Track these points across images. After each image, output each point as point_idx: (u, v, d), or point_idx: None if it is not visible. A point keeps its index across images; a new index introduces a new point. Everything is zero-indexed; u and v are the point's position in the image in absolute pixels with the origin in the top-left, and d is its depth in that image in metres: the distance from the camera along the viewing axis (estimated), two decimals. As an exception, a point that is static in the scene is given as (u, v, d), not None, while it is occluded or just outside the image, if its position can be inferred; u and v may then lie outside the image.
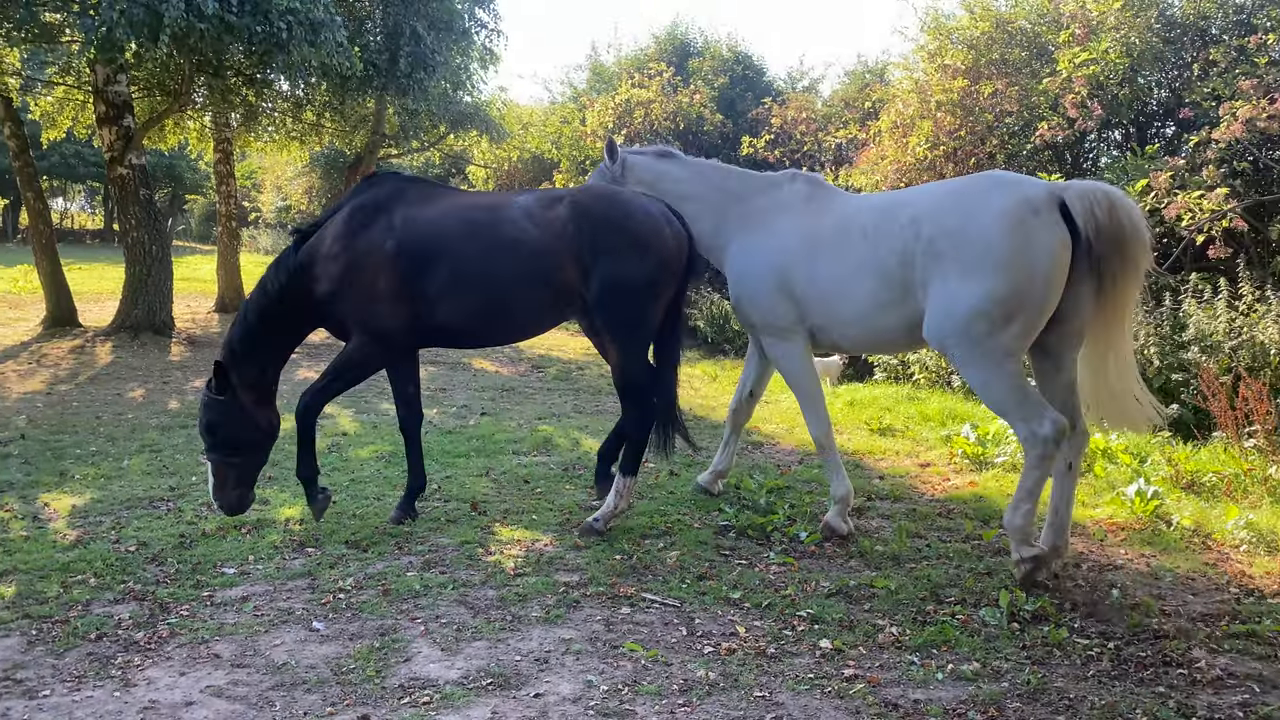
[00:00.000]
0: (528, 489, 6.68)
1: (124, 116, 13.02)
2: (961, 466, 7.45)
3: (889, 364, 11.54)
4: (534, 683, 3.80)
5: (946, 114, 11.70)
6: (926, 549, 5.53)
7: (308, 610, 4.46)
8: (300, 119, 16.80)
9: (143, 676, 3.78)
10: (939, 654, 4.15)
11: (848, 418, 9.33)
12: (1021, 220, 4.69)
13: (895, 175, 11.91)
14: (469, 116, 16.42)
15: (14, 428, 8.09)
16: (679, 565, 5.17)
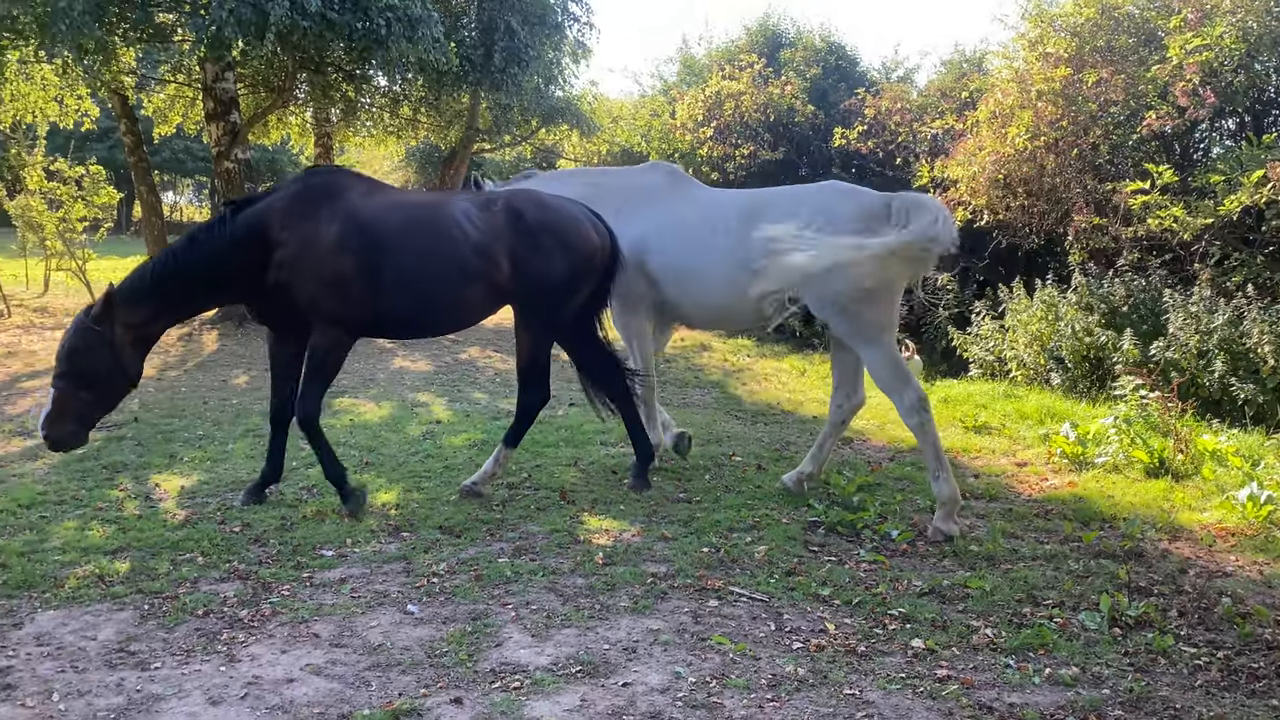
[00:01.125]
0: (615, 479, 6.71)
1: (230, 113, 13.48)
2: (1060, 466, 7.23)
3: (984, 360, 11.27)
4: (622, 672, 3.82)
5: (1048, 104, 11.35)
6: (1023, 550, 5.38)
7: (402, 593, 4.57)
8: (397, 114, 17.16)
9: (247, 653, 3.92)
10: (1036, 657, 4.05)
11: (941, 415, 9.12)
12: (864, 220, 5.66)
13: (994, 166, 11.61)
14: (560, 110, 16.56)
15: (128, 411, 8.46)
16: (767, 560, 5.13)
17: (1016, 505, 6.29)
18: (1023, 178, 11.67)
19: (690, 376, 11.60)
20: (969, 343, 11.61)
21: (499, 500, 6.08)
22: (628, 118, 20.29)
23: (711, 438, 8.05)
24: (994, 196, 11.84)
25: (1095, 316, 9.93)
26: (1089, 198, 11.19)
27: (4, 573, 4.68)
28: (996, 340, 11.17)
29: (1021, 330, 10.64)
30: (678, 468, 7.01)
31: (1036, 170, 11.54)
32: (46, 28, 9.15)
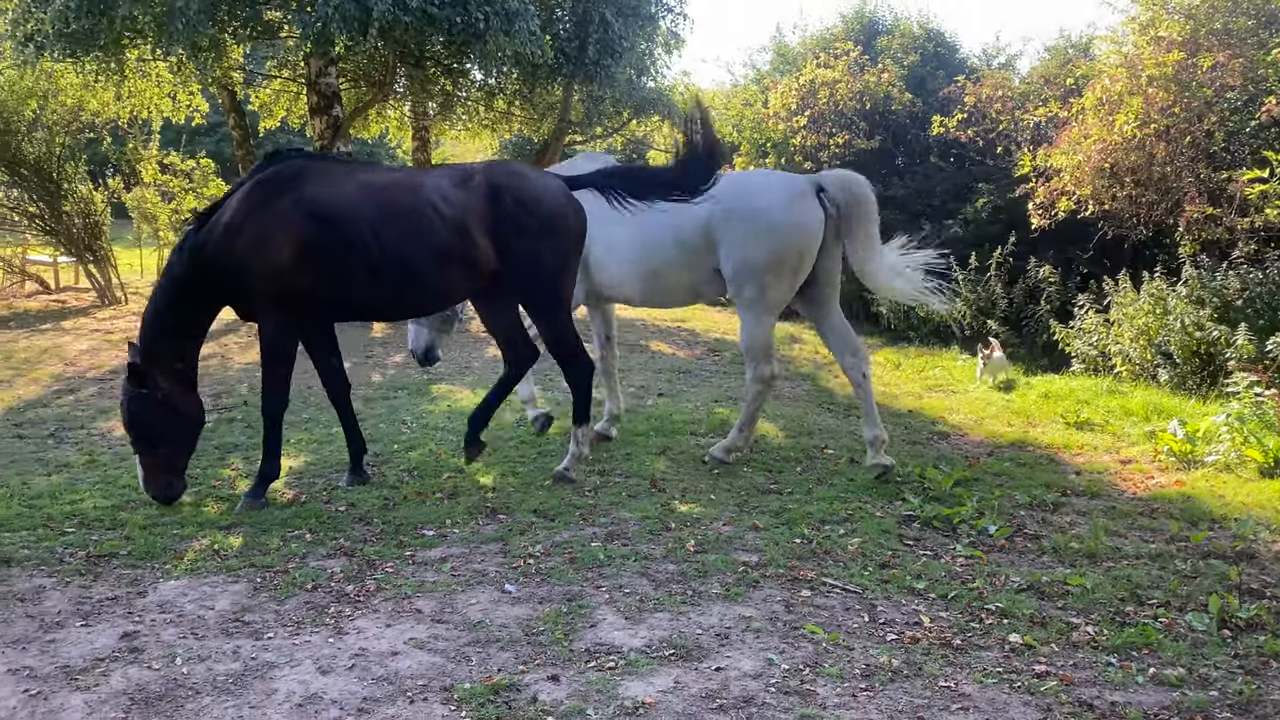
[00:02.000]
0: (705, 469, 6.76)
1: (333, 106, 13.91)
2: (1167, 464, 7.02)
3: (1087, 355, 10.97)
4: (715, 656, 3.88)
5: (1159, 90, 10.96)
6: (1126, 548, 5.26)
7: (500, 573, 4.70)
8: (492, 107, 17.45)
9: (353, 626, 4.09)
10: (1139, 657, 3.97)
11: (1042, 410, 8.95)
12: (792, 201, 6.35)
13: (1100, 155, 11.26)
14: (652, 102, 16.60)
15: (238, 395, 8.85)
16: (860, 552, 5.12)
17: (1120, 503, 6.14)
18: (1131, 166, 11.30)
19: (780, 368, 11.54)
20: (1071, 336, 11.30)
21: (591, 487, 6.19)
22: (719, 107, 20.21)
23: (803, 430, 8.04)
24: (1099, 186, 11.50)
25: (1207, 310, 9.57)
26: (1202, 187, 10.78)
27: (128, 544, 4.97)
28: (1100, 334, 10.86)
29: (1127, 324, 10.32)
30: (768, 460, 7.02)
31: (1146, 159, 11.16)
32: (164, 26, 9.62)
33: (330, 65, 13.63)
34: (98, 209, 15.20)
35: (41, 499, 5.68)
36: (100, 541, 5.02)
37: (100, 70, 12.59)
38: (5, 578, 4.52)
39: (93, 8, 9.80)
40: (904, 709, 3.50)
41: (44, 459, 6.62)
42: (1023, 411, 8.98)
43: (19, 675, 3.61)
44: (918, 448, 7.61)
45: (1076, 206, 11.80)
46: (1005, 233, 13.27)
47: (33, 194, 14.94)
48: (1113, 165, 11.36)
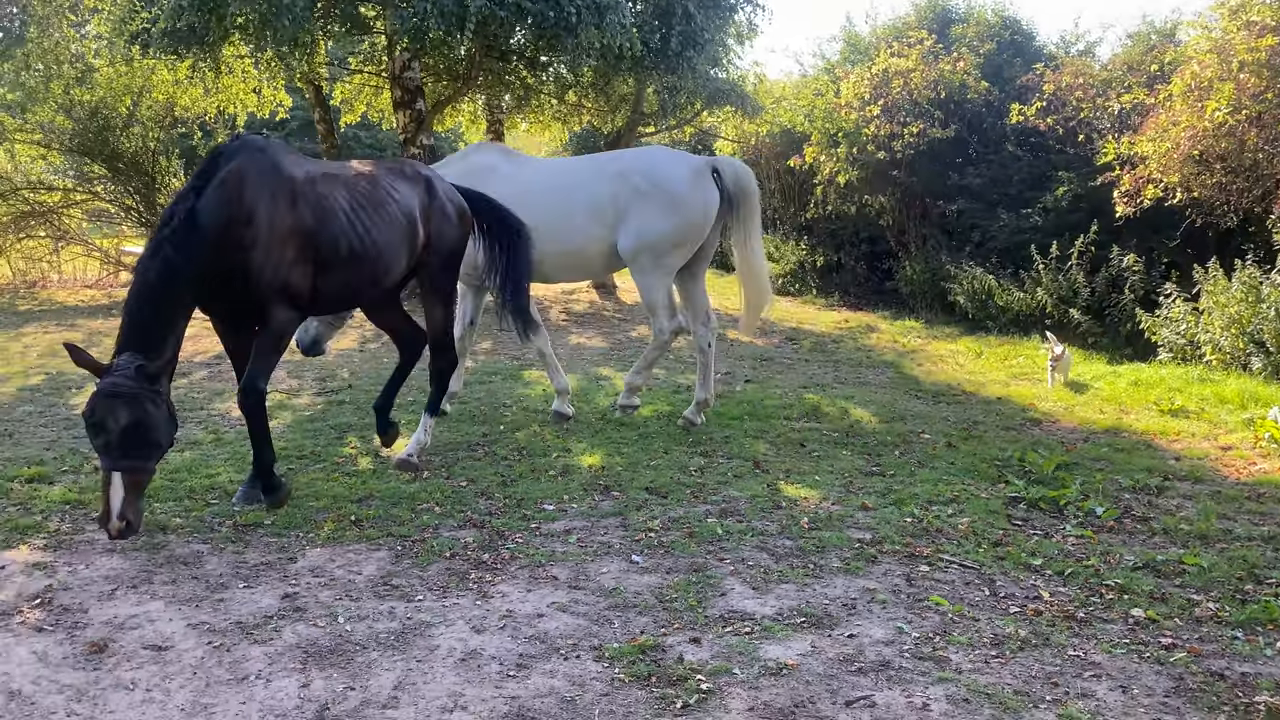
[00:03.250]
0: (804, 451, 6.90)
1: (416, 101, 14.22)
2: (1269, 451, 6.99)
3: (1174, 343, 10.86)
4: (845, 625, 4.04)
5: (1251, 75, 10.78)
6: (1237, 530, 5.30)
7: (624, 545, 4.90)
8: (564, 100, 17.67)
9: (496, 590, 4.32)
10: (1265, 631, 4.05)
11: (1133, 398, 8.92)
12: (696, 179, 7.03)
13: (1189, 142, 11.12)
14: (725, 93, 16.65)
15: (340, 379, 9.18)
16: (971, 531, 5.24)
17: (1225, 488, 6.15)
18: (1221, 153, 11.13)
19: (861, 356, 11.62)
20: (1157, 325, 11.19)
21: (696, 467, 6.37)
22: (790, 98, 20.23)
23: (895, 415, 8.12)
24: (1188, 173, 11.34)
25: (1303, 298, 9.46)
26: (1296, 174, 10.62)
27: (270, 515, 5.26)
28: (1189, 323, 10.74)
29: (1218, 312, 10.20)
30: (866, 444, 7.14)
31: (1237, 145, 10.98)
32: (269, 23, 9.96)
33: (414, 60, 13.94)
34: (190, 202, 15.72)
35: (180, 473, 6.00)
36: (243, 512, 5.31)
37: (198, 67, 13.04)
38: (164, 543, 4.82)
39: (204, 5, 10.19)
40: (1037, 675, 3.63)
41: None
42: (1113, 399, 8.96)
43: (200, 629, 3.89)
44: (1012, 433, 7.66)
45: (1164, 194, 11.66)
46: (1086, 221, 13.14)
47: (129, 187, 15.51)
48: (1202, 152, 11.21)
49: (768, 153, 19.93)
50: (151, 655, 3.67)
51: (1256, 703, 3.44)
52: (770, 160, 19.77)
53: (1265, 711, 3.36)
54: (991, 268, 14.50)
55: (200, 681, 3.47)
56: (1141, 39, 15.48)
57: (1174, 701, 3.46)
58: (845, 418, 8.05)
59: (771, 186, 19.92)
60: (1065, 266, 13.19)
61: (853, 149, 16.94)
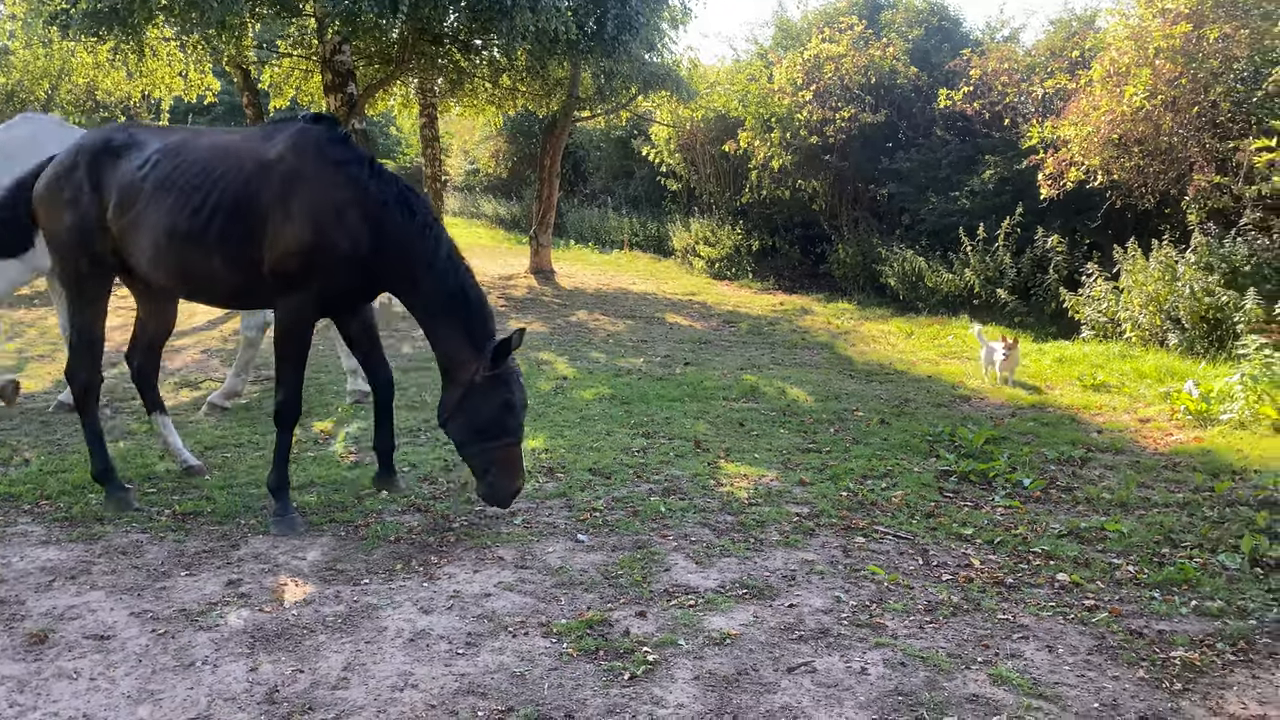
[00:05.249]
0: (743, 431, 7.02)
1: (348, 84, 13.99)
2: (1184, 423, 7.30)
3: (1097, 321, 11.23)
4: (785, 595, 4.15)
5: (1166, 61, 11.16)
6: (1155, 498, 5.55)
7: (569, 525, 4.96)
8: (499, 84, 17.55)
9: (443, 572, 4.35)
10: (1180, 592, 4.26)
11: (1057, 374, 9.23)
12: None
13: (1108, 126, 11.48)
14: (660, 77, 16.69)
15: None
16: (905, 504, 5.41)
17: (1143, 458, 6.42)
18: (1139, 137, 11.51)
19: (797, 338, 11.81)
20: (1080, 304, 11.56)
21: (638, 448, 6.44)
22: (724, 83, 20.33)
23: (830, 394, 8.30)
24: (1108, 156, 11.71)
25: (1215, 276, 9.84)
26: (1209, 156, 11.02)
27: (211, 504, 5.21)
28: (1110, 301, 11.12)
29: (1137, 291, 10.58)
30: (802, 423, 7.28)
31: (1153, 129, 11.37)
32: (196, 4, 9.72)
33: (345, 43, 13.73)
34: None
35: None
36: (183, 501, 5.25)
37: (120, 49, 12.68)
38: (103, 534, 4.76)
39: (128, -15, 9.93)
40: (969, 638, 3.78)
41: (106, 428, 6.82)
42: (1038, 375, 9.25)
43: (143, 618, 3.85)
44: (942, 409, 7.88)
45: (1085, 177, 12.03)
46: (1012, 204, 13.48)
47: (49, 174, 15.03)
48: (1121, 136, 11.58)
49: (703, 137, 20.03)
50: (94, 644, 3.63)
51: (1172, 657, 3.63)
52: (705, 145, 19.88)
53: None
54: (921, 250, 14.81)
55: (146, 668, 3.45)
56: (1063, 25, 15.87)
57: (1096, 659, 3.63)
58: (782, 397, 8.20)
59: (707, 171, 20.04)
60: (992, 248, 13.53)
61: (786, 134, 17.13)
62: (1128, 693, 3.37)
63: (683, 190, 21.00)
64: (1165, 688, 3.42)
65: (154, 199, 4.87)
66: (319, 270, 4.80)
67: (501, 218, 29.16)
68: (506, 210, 29.05)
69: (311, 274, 4.80)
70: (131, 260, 5.03)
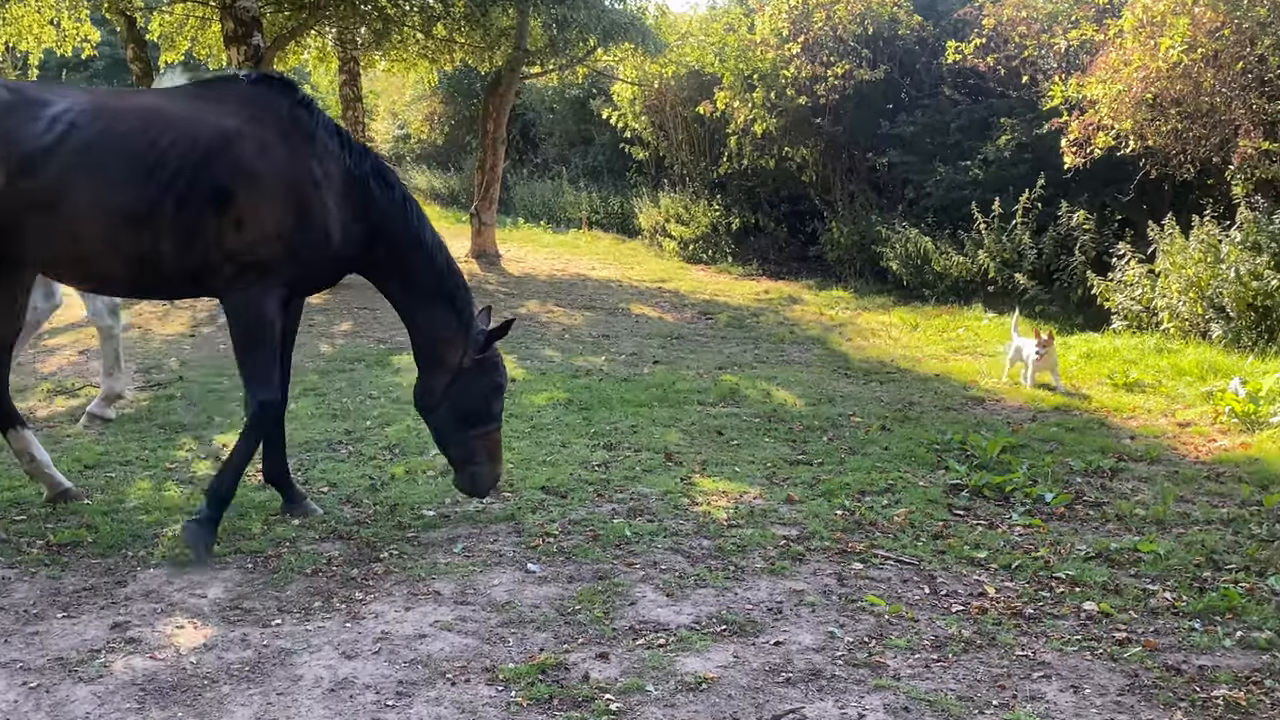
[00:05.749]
0: (722, 440, 7.07)
1: (253, 34, 13.89)
2: (1229, 426, 7.45)
3: (1129, 310, 11.41)
4: (771, 631, 4.20)
5: (1207, 8, 11.35)
6: (1195, 513, 5.66)
7: (518, 553, 4.98)
8: (432, 34, 17.51)
9: (369, 610, 4.35)
10: (1224, 621, 4.34)
11: (1084, 371, 9.37)
12: None
13: (1141, 84, 11.65)
14: (623, 27, 16.71)
15: (168, 370, 9.00)
16: (909, 523, 5.47)
17: (1183, 468, 6.54)
18: (1176, 97, 11.70)
19: (784, 331, 11.89)
20: (1111, 290, 11.73)
21: (599, 461, 6.48)
22: (697, 33, 20.42)
23: (822, 397, 8.37)
24: (1141, 119, 11.89)
25: (1265, 258, 10.02)
26: (1256, 119, 11.22)
27: (93, 533, 5.17)
28: (1144, 287, 11.29)
29: (1175, 275, 10.76)
30: (790, 430, 7.35)
31: (1193, 88, 11.56)
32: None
33: (249, -14, 13.64)
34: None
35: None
36: (58, 530, 5.21)
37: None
38: (-40, 570, 4.70)
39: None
40: (982, 678, 3.84)
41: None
42: (1063, 373, 9.38)
43: (10, 669, 3.82)
44: (952, 413, 7.98)
45: (1115, 143, 12.20)
46: (1032, 174, 13.64)
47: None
48: (1156, 95, 11.76)
49: (673, 98, 20.08)
50: (-49, 702, 3.59)
51: (1214, 697, 3.71)
52: (677, 107, 19.91)
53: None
54: (928, 228, 14.94)
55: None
56: (1090, -32, 16.09)
57: (1128, 700, 3.70)
58: (767, 401, 8.26)
59: (678, 137, 20.08)
60: (1009, 226, 13.68)
61: (770, 93, 17.21)
62: (1164, 738, 3.44)
63: (650, 160, 21.04)
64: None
65: (79, 169, 4.78)
66: (298, 256, 4.92)
67: (437, 192, 29.05)
68: (443, 183, 28.93)
69: (288, 260, 4.91)
70: (15, 240, 4.90)
